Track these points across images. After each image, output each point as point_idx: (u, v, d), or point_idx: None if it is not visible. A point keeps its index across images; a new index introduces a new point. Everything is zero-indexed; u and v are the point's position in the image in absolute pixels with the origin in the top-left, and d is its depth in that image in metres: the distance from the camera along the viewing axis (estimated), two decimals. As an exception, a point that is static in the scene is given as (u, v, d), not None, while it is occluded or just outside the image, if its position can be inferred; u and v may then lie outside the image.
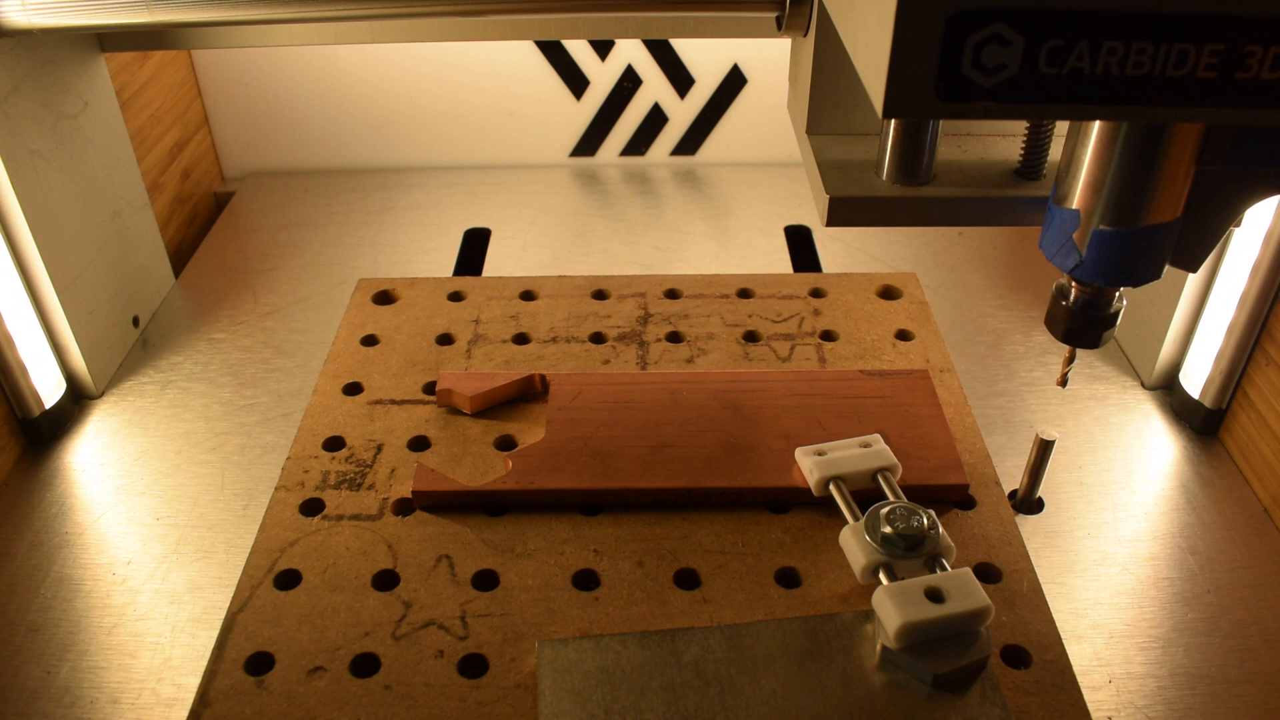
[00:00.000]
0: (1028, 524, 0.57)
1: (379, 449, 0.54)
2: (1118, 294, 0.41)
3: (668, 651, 0.43)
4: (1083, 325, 0.42)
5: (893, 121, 0.43)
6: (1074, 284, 0.41)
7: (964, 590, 0.42)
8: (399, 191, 0.94)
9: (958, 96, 0.31)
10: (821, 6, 0.46)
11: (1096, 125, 0.36)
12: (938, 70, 0.30)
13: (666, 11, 0.65)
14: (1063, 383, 0.48)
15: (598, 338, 0.63)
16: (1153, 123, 0.34)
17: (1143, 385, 0.68)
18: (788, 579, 0.47)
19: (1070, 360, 0.47)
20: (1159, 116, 0.32)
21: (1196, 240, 0.38)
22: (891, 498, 0.48)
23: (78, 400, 0.68)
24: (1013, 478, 0.59)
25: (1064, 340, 0.43)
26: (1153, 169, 0.36)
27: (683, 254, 0.84)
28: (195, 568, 0.55)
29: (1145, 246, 0.37)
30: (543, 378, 0.58)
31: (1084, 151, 0.36)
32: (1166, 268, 0.39)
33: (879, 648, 0.43)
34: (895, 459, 0.50)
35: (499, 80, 0.94)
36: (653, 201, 0.92)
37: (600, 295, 0.66)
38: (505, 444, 0.55)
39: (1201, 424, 0.64)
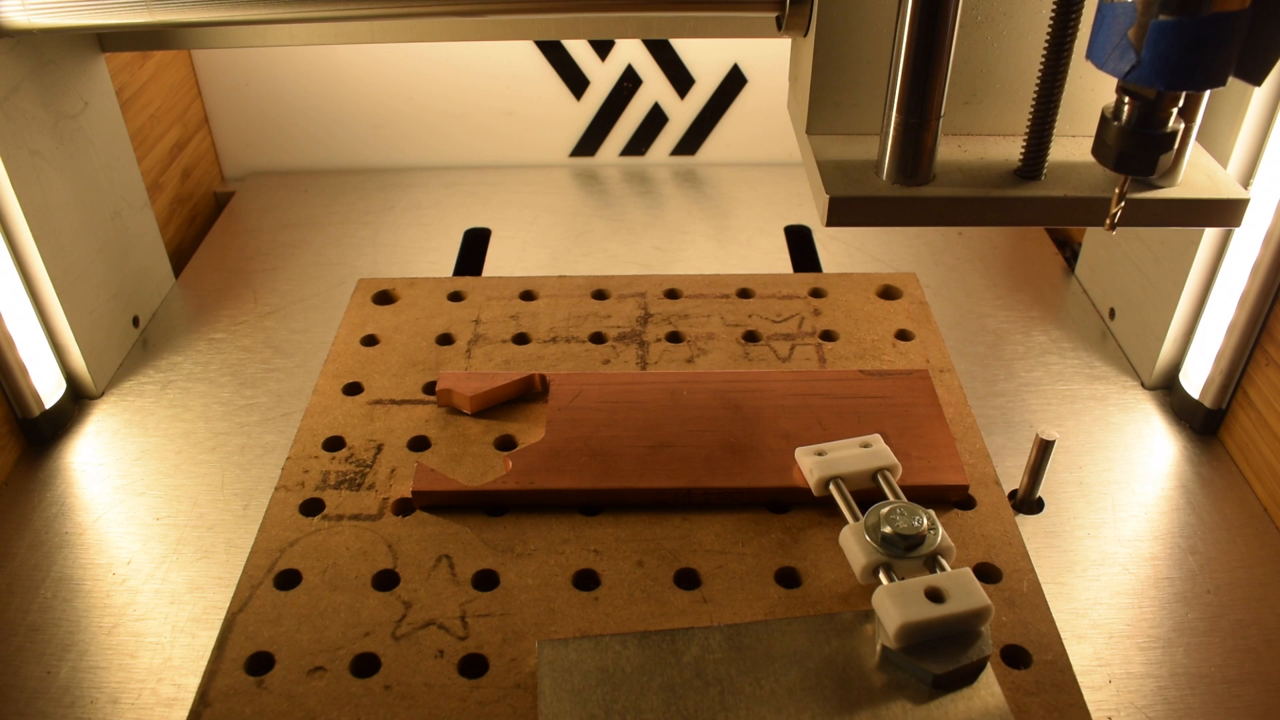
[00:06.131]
0: (1028, 524, 0.57)
1: (379, 449, 0.54)
2: (1175, 111, 0.38)
3: (668, 651, 0.43)
4: (1137, 147, 0.38)
5: (893, 122, 0.43)
6: (1127, 99, 0.37)
7: (964, 590, 0.42)
8: (399, 191, 0.94)
9: None
10: (822, 6, 0.46)
11: None
12: None
13: (666, 11, 0.65)
14: (1111, 226, 0.42)
15: (598, 338, 0.63)
16: None
17: (1143, 385, 0.68)
18: (788, 579, 0.47)
19: (1121, 199, 0.42)
20: None
21: (1264, 42, 0.35)
22: (891, 498, 0.48)
23: (78, 400, 0.68)
24: (1013, 478, 0.59)
25: (1115, 168, 0.39)
26: None
27: (683, 254, 0.84)
28: (195, 568, 0.55)
29: (1209, 40, 0.34)
30: (543, 378, 0.58)
31: None
32: (1230, 81, 0.35)
33: (879, 648, 0.43)
34: (895, 459, 0.50)
35: (499, 80, 0.94)
36: (653, 201, 0.92)
37: (600, 295, 0.66)
38: (505, 444, 0.55)
39: (1201, 424, 0.64)
